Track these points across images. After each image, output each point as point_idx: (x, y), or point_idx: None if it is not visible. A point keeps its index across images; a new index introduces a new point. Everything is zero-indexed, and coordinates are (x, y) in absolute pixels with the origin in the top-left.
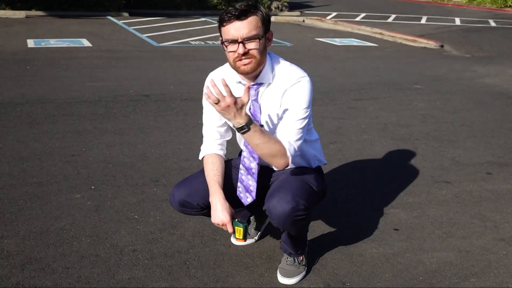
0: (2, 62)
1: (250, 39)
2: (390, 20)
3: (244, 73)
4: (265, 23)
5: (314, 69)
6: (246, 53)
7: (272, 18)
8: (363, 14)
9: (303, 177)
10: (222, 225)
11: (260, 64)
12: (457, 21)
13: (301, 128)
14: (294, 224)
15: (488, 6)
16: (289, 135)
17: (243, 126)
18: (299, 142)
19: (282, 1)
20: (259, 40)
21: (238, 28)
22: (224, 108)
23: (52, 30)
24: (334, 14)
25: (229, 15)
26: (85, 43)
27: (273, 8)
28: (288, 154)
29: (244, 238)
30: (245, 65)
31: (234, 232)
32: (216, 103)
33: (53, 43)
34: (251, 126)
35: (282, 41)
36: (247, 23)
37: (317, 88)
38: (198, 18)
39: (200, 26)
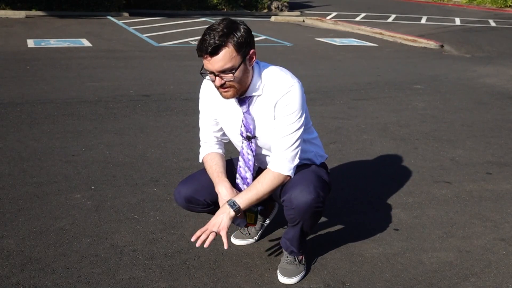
0: (2, 62)
1: (224, 72)
2: (390, 20)
3: (226, 99)
4: (241, 49)
5: (314, 69)
6: (223, 84)
7: (272, 18)
8: (363, 14)
9: (318, 171)
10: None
11: (241, 89)
12: (457, 21)
13: (297, 140)
14: (312, 216)
15: (488, 6)
16: (284, 151)
17: (235, 211)
18: (295, 152)
19: (282, 1)
20: (234, 71)
21: (211, 63)
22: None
23: (52, 30)
24: (334, 14)
25: (201, 52)
26: (85, 43)
27: (273, 8)
28: (286, 172)
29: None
30: (225, 92)
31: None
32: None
33: (53, 43)
34: (237, 203)
35: (282, 41)
36: (220, 57)
37: (317, 88)
38: (198, 18)
39: (200, 26)
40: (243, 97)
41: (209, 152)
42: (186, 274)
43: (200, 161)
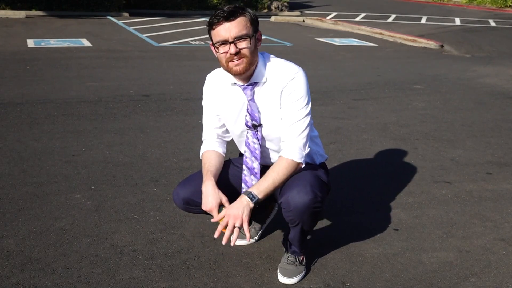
0: (2, 62)
1: (240, 38)
2: (390, 20)
3: (236, 74)
4: (254, 23)
5: (314, 69)
6: (237, 53)
7: (272, 18)
8: (363, 14)
9: (315, 172)
10: (209, 211)
11: (252, 64)
12: (457, 21)
13: (306, 126)
14: (311, 217)
15: (488, 6)
16: (296, 137)
17: (255, 203)
18: (306, 139)
19: (282, 1)
20: (249, 39)
21: (227, 29)
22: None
23: (52, 30)
24: (334, 14)
25: (218, 17)
26: (85, 43)
27: (273, 8)
28: (298, 160)
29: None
30: (237, 65)
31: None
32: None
33: (53, 43)
34: (255, 194)
35: (282, 41)
36: (236, 23)
37: (317, 88)
38: (198, 18)
39: (200, 26)
40: (248, 83)
41: (207, 150)
42: (186, 274)
43: (200, 157)
